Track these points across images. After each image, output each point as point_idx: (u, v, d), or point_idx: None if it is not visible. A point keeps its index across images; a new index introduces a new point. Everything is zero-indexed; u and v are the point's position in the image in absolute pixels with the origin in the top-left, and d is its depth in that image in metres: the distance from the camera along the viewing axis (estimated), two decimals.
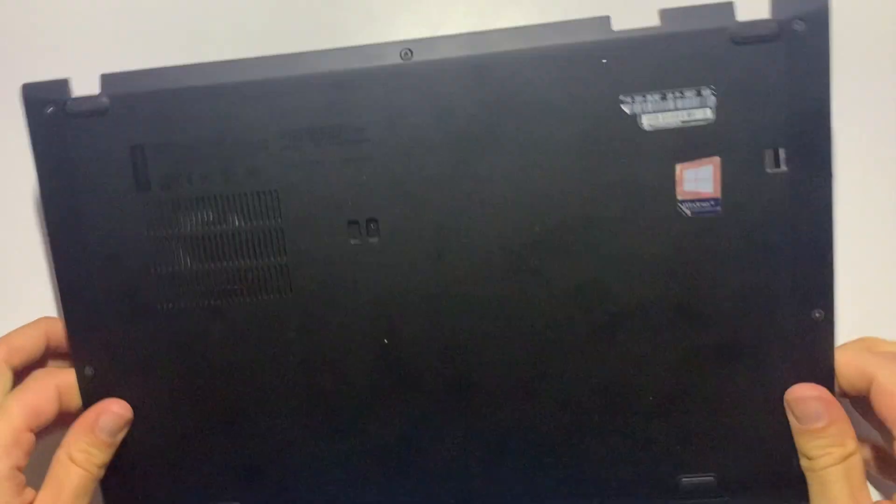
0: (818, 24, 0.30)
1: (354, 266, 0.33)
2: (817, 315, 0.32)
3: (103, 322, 0.34)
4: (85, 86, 0.33)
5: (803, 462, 0.33)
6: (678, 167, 0.32)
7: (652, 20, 0.31)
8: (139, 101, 0.32)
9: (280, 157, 0.32)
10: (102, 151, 0.33)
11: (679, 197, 0.32)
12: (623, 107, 0.31)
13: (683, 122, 0.31)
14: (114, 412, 0.35)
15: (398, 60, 0.32)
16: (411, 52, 0.32)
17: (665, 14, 0.31)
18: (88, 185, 0.33)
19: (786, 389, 0.33)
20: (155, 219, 0.33)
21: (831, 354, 0.33)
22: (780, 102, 0.31)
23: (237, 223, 0.33)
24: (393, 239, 0.33)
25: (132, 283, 0.34)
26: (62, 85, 0.33)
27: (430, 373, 0.34)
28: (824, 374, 0.33)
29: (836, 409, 0.32)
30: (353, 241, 0.33)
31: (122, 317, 0.34)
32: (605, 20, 0.31)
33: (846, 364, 0.33)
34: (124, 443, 0.35)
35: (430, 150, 0.32)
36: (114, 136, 0.33)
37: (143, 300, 0.34)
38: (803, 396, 0.33)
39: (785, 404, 0.33)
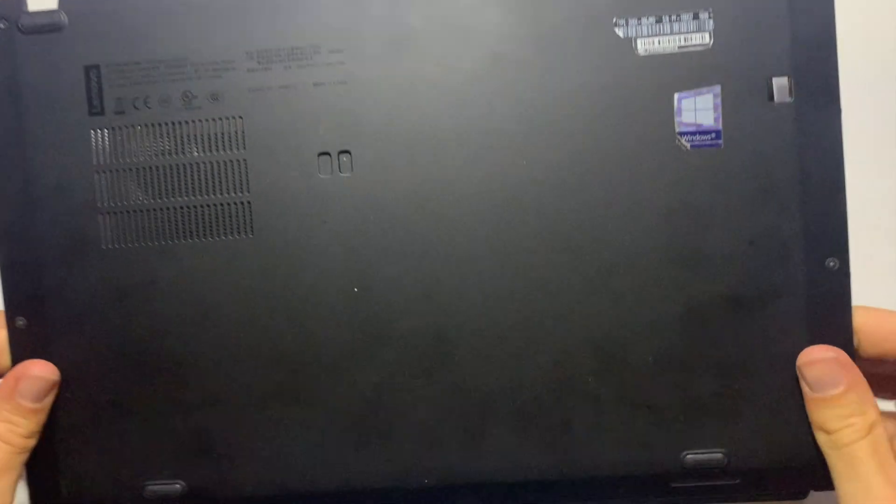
0: None
1: (322, 204, 0.30)
2: (831, 264, 0.29)
3: (41, 263, 0.31)
4: (45, 4, 0.31)
5: (820, 437, 0.29)
6: (676, 95, 0.29)
7: None
8: (99, 18, 0.30)
9: (246, 79, 0.30)
10: (55, 71, 0.30)
11: (677, 128, 0.29)
12: (617, 30, 0.29)
13: (680, 47, 0.29)
14: (35, 376, 0.30)
15: None
16: None
17: None
18: (37, 108, 0.30)
19: (799, 350, 0.29)
20: (106, 146, 0.30)
21: (848, 308, 0.29)
22: (782, 29, 0.29)
23: (196, 153, 0.30)
24: (367, 174, 0.30)
25: (76, 219, 0.30)
26: (17, 1, 0.30)
27: (405, 327, 0.30)
28: (841, 331, 0.29)
29: (855, 373, 0.29)
30: (322, 176, 0.30)
31: (62, 257, 0.31)
32: None
33: (867, 320, 0.29)
34: (52, 410, 0.31)
35: (408, 75, 0.30)
36: (69, 54, 0.30)
37: (87, 238, 0.30)
38: (815, 359, 0.29)
39: (797, 371, 0.29)
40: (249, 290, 0.30)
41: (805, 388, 0.29)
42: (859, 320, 0.29)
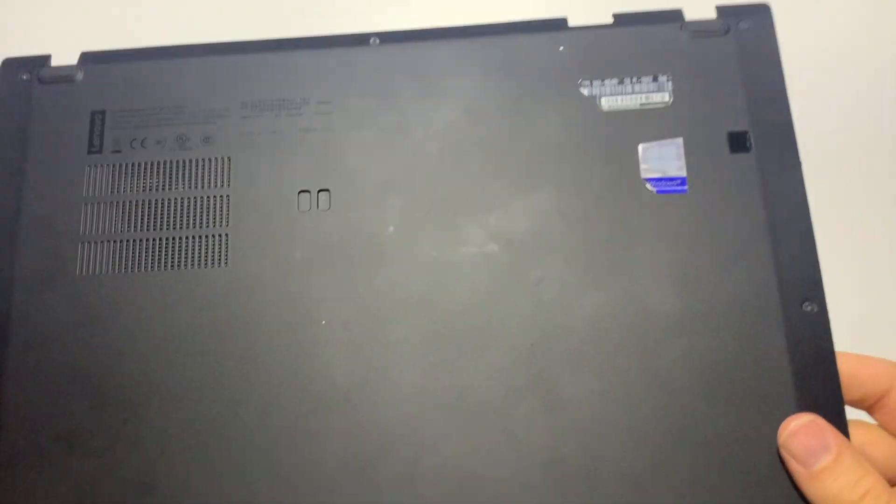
0: (763, 23, 0.32)
1: (299, 237, 0.31)
2: (808, 308, 0.29)
3: (14, 287, 0.31)
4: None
5: None
6: (640, 146, 0.31)
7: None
8: (110, 71, 0.33)
9: (239, 125, 0.32)
10: (65, 116, 0.33)
11: (643, 174, 0.30)
12: (581, 89, 0.32)
13: (642, 104, 0.31)
14: None
15: (365, 46, 0.33)
16: (379, 40, 0.33)
17: (619, 17, 0.33)
18: (42, 148, 0.32)
19: (785, 404, 0.27)
20: (99, 181, 0.32)
21: (831, 351, 0.28)
22: (736, 87, 0.31)
23: (181, 189, 0.32)
24: (344, 212, 0.31)
25: (57, 246, 0.31)
26: (43, 59, 0.34)
27: (396, 365, 0.29)
28: (829, 378, 0.28)
29: (840, 436, 0.26)
30: (300, 211, 0.31)
31: (36, 282, 0.31)
32: (562, 21, 0.33)
33: (854, 364, 0.28)
34: None
35: (389, 126, 0.32)
36: (79, 101, 0.33)
37: (65, 266, 0.31)
38: (797, 428, 0.27)
39: (781, 452, 0.27)
40: (217, 320, 0.30)
41: (796, 468, 0.26)
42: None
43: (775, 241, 0.29)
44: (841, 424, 0.27)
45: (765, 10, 0.32)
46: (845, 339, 0.29)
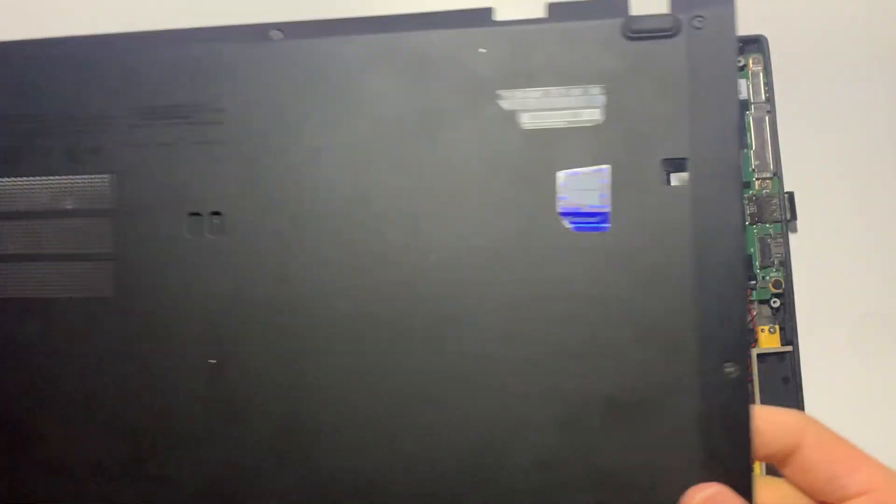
0: (723, 19, 0.27)
1: (187, 266, 0.29)
2: (729, 370, 0.26)
3: None
4: None
5: None
6: (560, 174, 0.27)
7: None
8: None
9: (128, 135, 0.30)
10: None
11: (558, 208, 0.27)
12: (501, 103, 0.28)
13: (569, 122, 0.27)
14: None
15: (265, 40, 0.29)
16: (282, 32, 0.29)
17: (553, 8, 0.28)
18: None
19: (691, 466, 0.26)
20: None
21: (747, 425, 0.25)
22: (680, 106, 0.27)
23: (67, 207, 0.30)
24: (237, 238, 0.29)
25: None
26: None
27: (261, 408, 0.28)
28: (738, 447, 0.25)
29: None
30: (189, 237, 0.29)
31: None
32: (488, 11, 0.28)
33: (761, 421, 0.26)
34: None
35: (289, 139, 0.29)
36: None
37: None
38: (702, 502, 0.25)
39: None
40: (101, 352, 0.29)
41: None
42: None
43: (702, 291, 0.26)
44: (748, 493, 0.25)
45: (727, 4, 0.27)
46: None
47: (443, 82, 0.28)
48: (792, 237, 0.41)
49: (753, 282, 0.43)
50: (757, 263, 0.43)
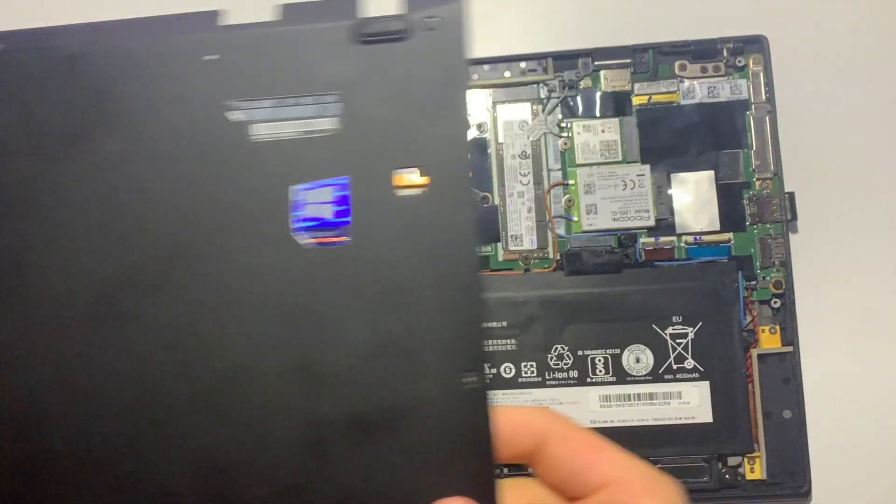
0: (453, 22, 0.26)
1: None
2: (468, 380, 0.26)
3: None
4: None
5: None
6: (293, 189, 0.26)
7: None
8: None
9: None
10: None
11: (294, 223, 0.26)
12: (228, 114, 0.26)
13: (304, 132, 0.26)
14: None
15: None
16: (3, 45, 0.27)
17: (287, 10, 0.27)
18: None
19: (436, 482, 0.26)
20: None
21: (487, 433, 0.25)
22: (411, 113, 0.26)
23: None
24: None
25: None
26: None
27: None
28: (480, 457, 0.25)
29: None
30: None
31: None
32: (213, 15, 0.27)
33: (507, 420, 0.26)
34: None
35: (11, 157, 0.27)
36: None
37: None
38: None
39: None
40: None
41: None
42: None
43: (439, 302, 0.26)
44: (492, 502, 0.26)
45: (455, 6, 0.26)
46: None
47: (167, 93, 0.26)
48: (792, 237, 0.42)
49: (754, 282, 0.43)
50: (757, 263, 0.43)
